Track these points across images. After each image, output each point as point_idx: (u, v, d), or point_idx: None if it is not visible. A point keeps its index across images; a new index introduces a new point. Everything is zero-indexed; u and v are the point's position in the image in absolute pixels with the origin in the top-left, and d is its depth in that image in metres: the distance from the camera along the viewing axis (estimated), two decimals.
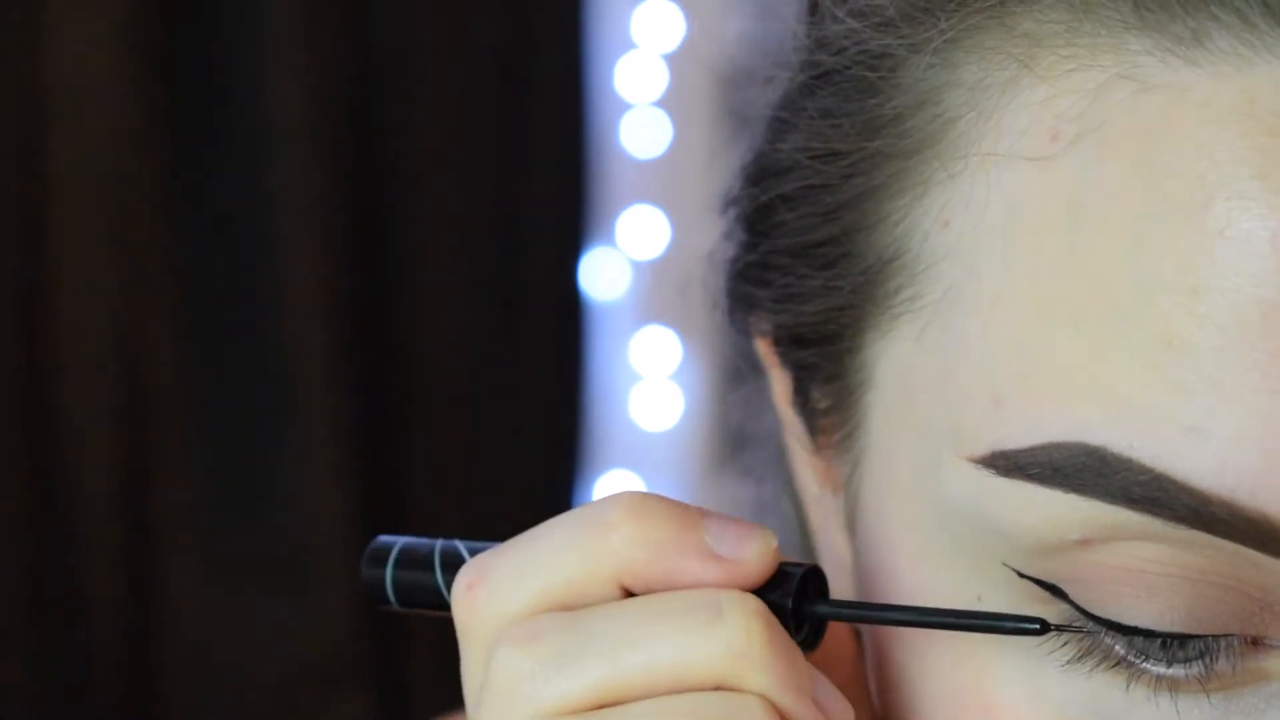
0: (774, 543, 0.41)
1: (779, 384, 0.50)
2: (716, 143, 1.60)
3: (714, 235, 0.51)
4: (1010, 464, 0.40)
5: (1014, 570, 0.41)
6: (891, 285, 0.43)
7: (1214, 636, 0.39)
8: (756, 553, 0.40)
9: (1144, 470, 0.38)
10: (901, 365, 0.44)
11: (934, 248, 0.42)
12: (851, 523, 0.47)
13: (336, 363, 1.55)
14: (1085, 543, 0.40)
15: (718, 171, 0.50)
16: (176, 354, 1.53)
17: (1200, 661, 0.40)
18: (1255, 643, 0.40)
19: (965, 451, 0.41)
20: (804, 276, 0.46)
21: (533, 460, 1.65)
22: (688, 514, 0.40)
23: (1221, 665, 0.40)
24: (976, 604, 0.42)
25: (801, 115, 0.46)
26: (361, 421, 1.57)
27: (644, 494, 0.41)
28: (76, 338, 1.50)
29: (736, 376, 0.53)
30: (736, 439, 1.72)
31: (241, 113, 1.53)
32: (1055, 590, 0.40)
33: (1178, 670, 0.40)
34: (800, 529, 0.54)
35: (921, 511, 0.43)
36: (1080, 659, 0.40)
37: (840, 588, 0.49)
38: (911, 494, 0.43)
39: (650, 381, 1.69)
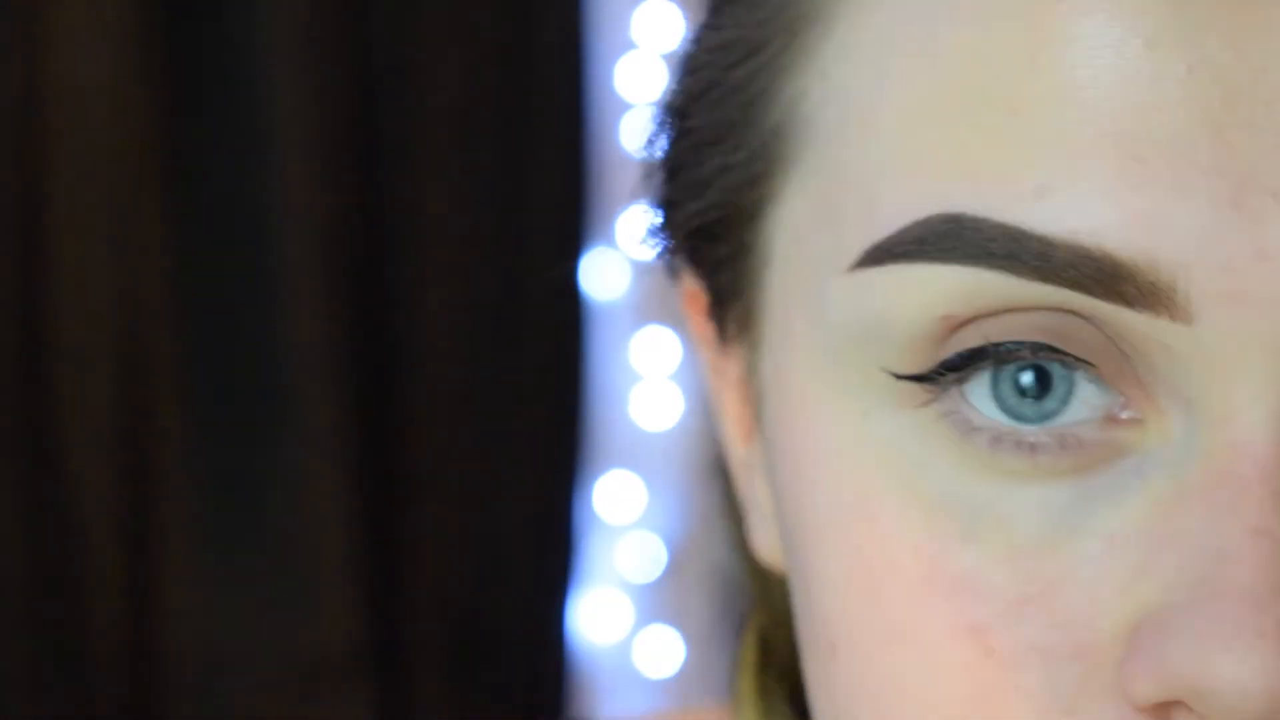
0: None
1: (698, 310, 0.53)
2: None
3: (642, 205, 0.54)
4: (882, 252, 0.43)
5: (893, 375, 0.43)
6: (783, 150, 0.46)
7: (1071, 367, 0.42)
8: None
9: (997, 226, 0.41)
10: (792, 221, 0.47)
11: (815, 101, 0.46)
12: (760, 407, 0.49)
13: (336, 362, 1.56)
14: (949, 319, 0.42)
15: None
16: (176, 354, 1.53)
17: (1059, 415, 0.42)
18: (1110, 418, 0.42)
19: (845, 264, 0.44)
20: (706, 159, 0.49)
21: (533, 460, 1.65)
22: None
23: (1077, 423, 0.42)
24: (864, 421, 0.44)
25: (706, 22, 0.50)
26: (361, 421, 1.57)
27: None
28: (76, 337, 1.50)
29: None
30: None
31: (242, 113, 1.53)
32: (931, 379, 0.43)
33: (1037, 427, 0.42)
34: (725, 501, 0.58)
35: (811, 350, 0.46)
36: (954, 440, 0.43)
37: (765, 538, 0.52)
38: (802, 340, 0.46)
39: (650, 381, 1.69)
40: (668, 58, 1.66)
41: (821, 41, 0.45)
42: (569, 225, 1.61)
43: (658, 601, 1.71)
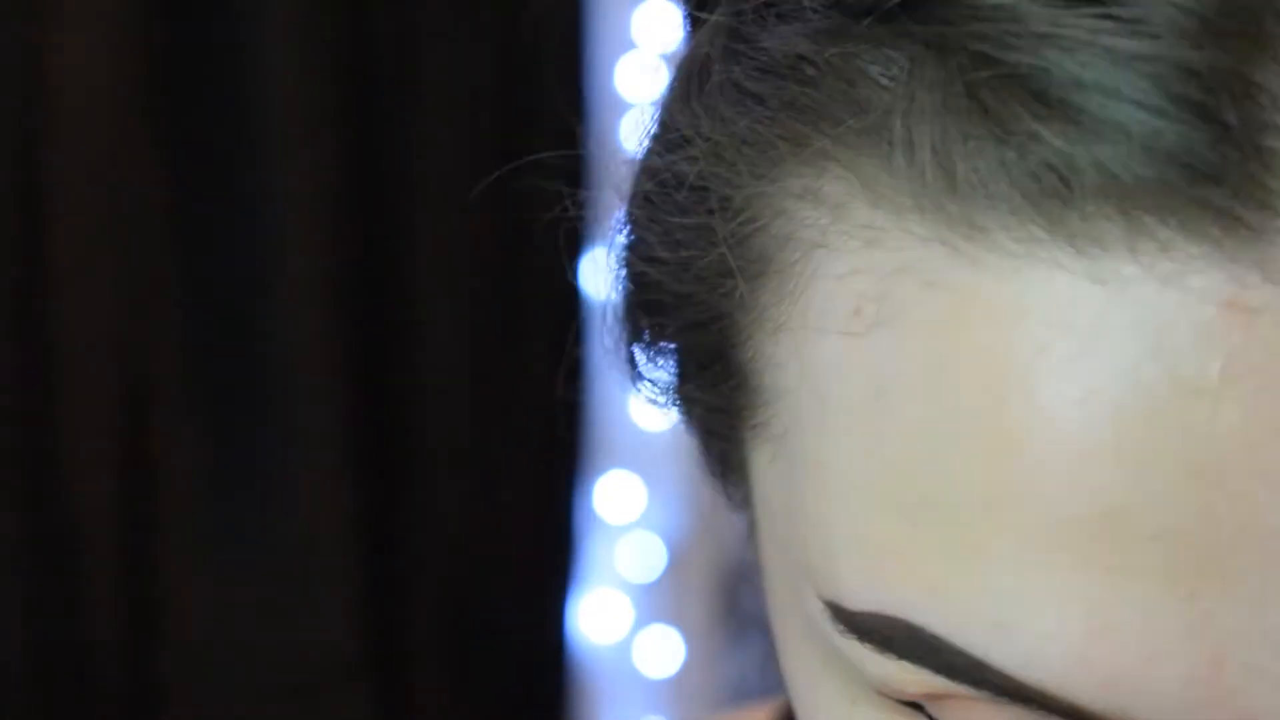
0: None
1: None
2: None
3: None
4: (848, 623, 0.41)
5: (876, 690, 0.42)
6: (749, 400, 0.44)
7: None
8: None
9: (962, 654, 0.39)
10: (762, 483, 0.45)
11: (773, 383, 0.43)
12: (759, 567, 0.49)
13: (336, 363, 1.56)
14: (929, 696, 0.41)
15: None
16: (176, 354, 1.53)
17: None
18: None
19: (815, 587, 0.42)
20: (684, 373, 0.48)
21: (533, 460, 1.65)
22: None
23: None
24: (852, 707, 0.43)
25: (641, 229, 0.47)
26: (361, 422, 1.57)
27: None
28: (76, 337, 1.50)
29: None
30: None
31: (242, 113, 1.53)
32: (917, 706, 0.42)
33: None
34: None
35: (795, 615, 0.45)
36: None
37: None
38: (786, 600, 0.45)
39: None
40: (668, 58, 1.66)
41: (777, 334, 0.43)
42: (569, 225, 1.61)
43: (658, 601, 1.71)
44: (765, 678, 1.75)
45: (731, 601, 1.74)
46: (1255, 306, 0.36)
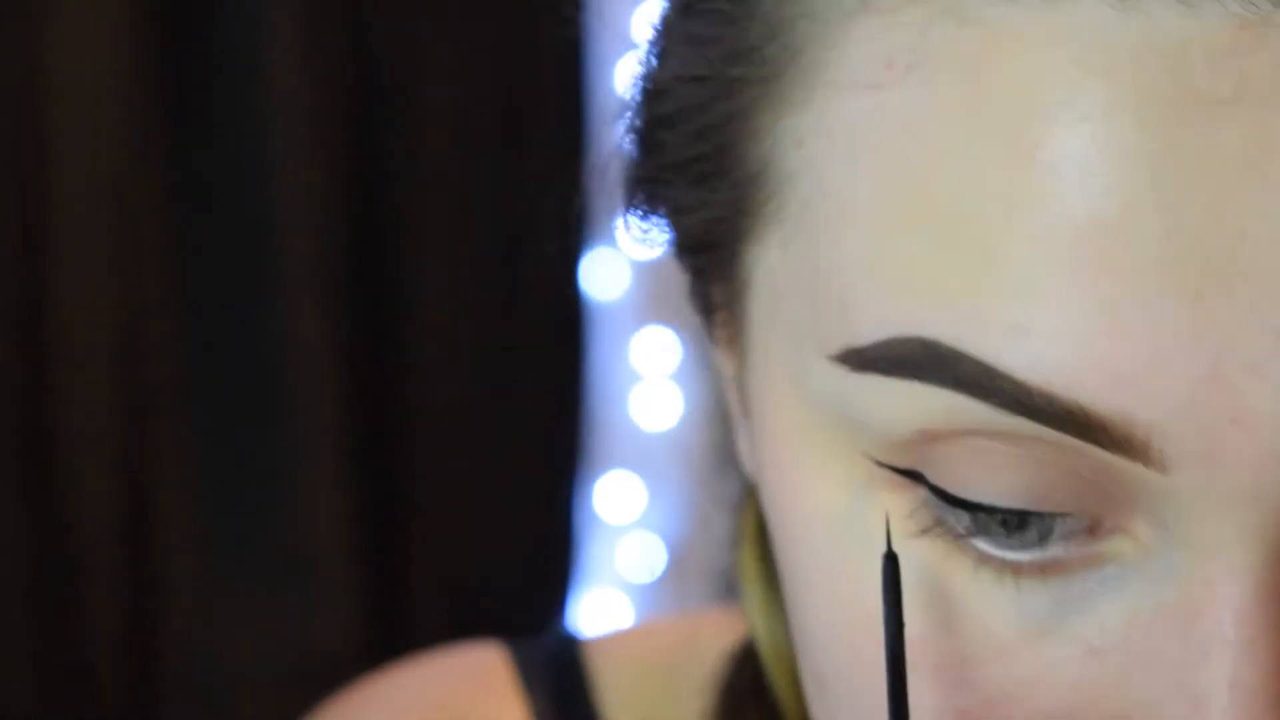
0: None
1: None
2: None
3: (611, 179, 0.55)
4: (860, 360, 0.43)
5: (874, 460, 0.44)
6: (759, 198, 0.47)
7: (1051, 515, 0.43)
8: None
9: (971, 361, 0.41)
10: (771, 272, 0.47)
11: (791, 165, 0.46)
12: (745, 409, 0.51)
13: (336, 362, 1.56)
14: (927, 433, 0.43)
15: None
16: (176, 354, 1.53)
17: (1038, 546, 0.43)
18: (1092, 531, 0.43)
19: (824, 350, 0.45)
20: (685, 191, 0.50)
21: (533, 460, 1.65)
22: None
23: (1057, 550, 0.43)
24: (846, 492, 0.45)
25: (674, 41, 0.50)
26: (361, 421, 1.57)
27: None
28: (76, 338, 1.50)
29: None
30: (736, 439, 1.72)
31: (242, 113, 1.53)
32: (912, 474, 0.44)
33: (1018, 554, 0.43)
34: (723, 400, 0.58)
35: (794, 407, 0.47)
36: (928, 531, 0.44)
37: (748, 455, 0.54)
38: (785, 390, 0.47)
39: (650, 381, 1.69)
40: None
41: (796, 108, 0.46)
42: (569, 225, 1.61)
43: (658, 601, 1.71)
44: None
45: (731, 601, 1.74)
46: (1266, 31, 0.39)
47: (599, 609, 1.70)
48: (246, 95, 1.53)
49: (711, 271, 0.51)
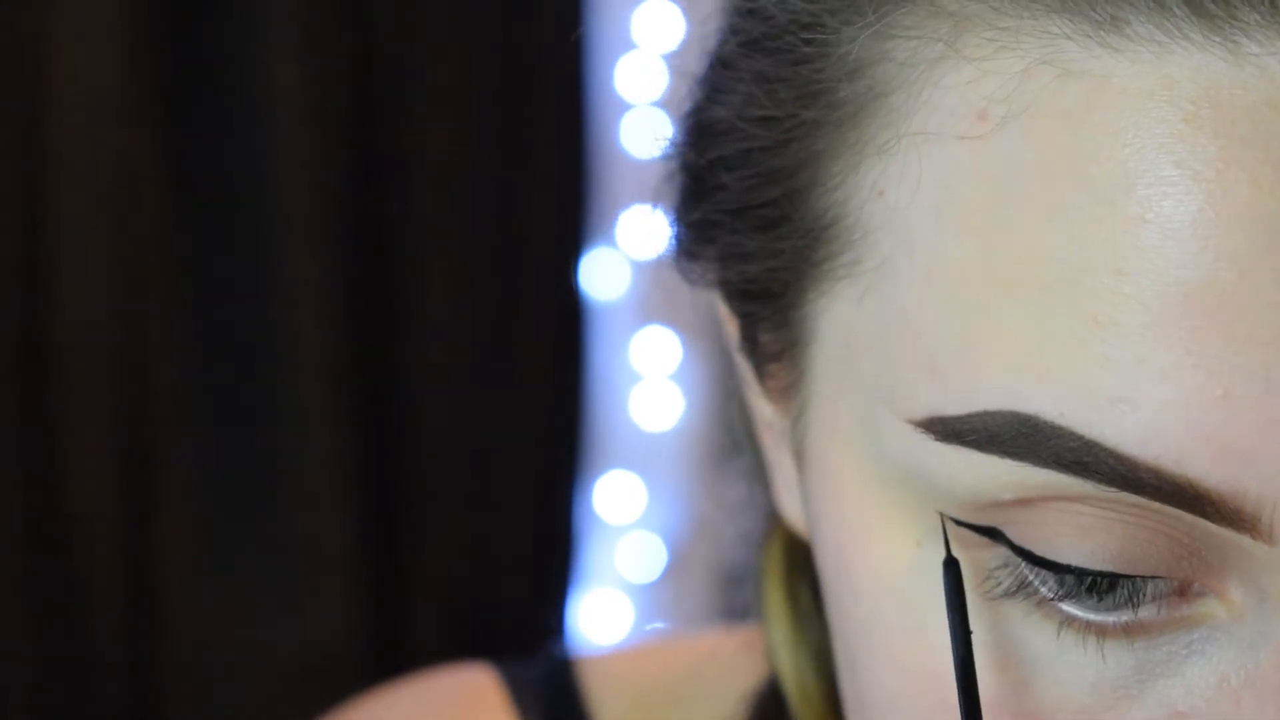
0: None
1: (729, 327, 0.52)
2: None
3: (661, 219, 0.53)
4: (948, 430, 0.41)
5: (952, 519, 0.42)
6: (831, 249, 0.45)
7: (1142, 578, 0.41)
8: None
9: (1074, 437, 0.39)
10: (843, 326, 0.45)
11: (870, 216, 0.44)
12: (800, 459, 0.49)
13: (336, 363, 1.55)
14: (1020, 501, 0.41)
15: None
16: (176, 354, 1.53)
17: (1128, 608, 0.41)
18: (1182, 593, 0.41)
19: (904, 414, 0.42)
20: (746, 237, 0.47)
21: (533, 460, 1.65)
22: None
23: (1147, 612, 0.41)
24: (916, 550, 0.43)
25: (738, 79, 0.47)
26: (361, 422, 1.57)
27: None
28: (76, 338, 1.50)
29: (737, 375, 0.54)
30: (736, 439, 1.72)
31: (242, 114, 1.53)
32: (992, 533, 0.42)
33: (1105, 616, 0.41)
34: (744, 423, 0.57)
35: (862, 463, 0.45)
36: (1011, 595, 0.42)
37: (792, 503, 0.52)
38: (852, 445, 0.45)
39: (650, 381, 1.69)
40: (668, 58, 1.66)
41: (877, 155, 0.43)
42: (569, 225, 1.61)
43: (658, 601, 1.71)
44: None
45: (731, 601, 1.74)
46: None
47: (599, 609, 1.70)
48: (246, 95, 1.52)
49: (766, 319, 0.48)
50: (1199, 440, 0.38)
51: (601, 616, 1.70)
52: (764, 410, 0.52)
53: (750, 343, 0.50)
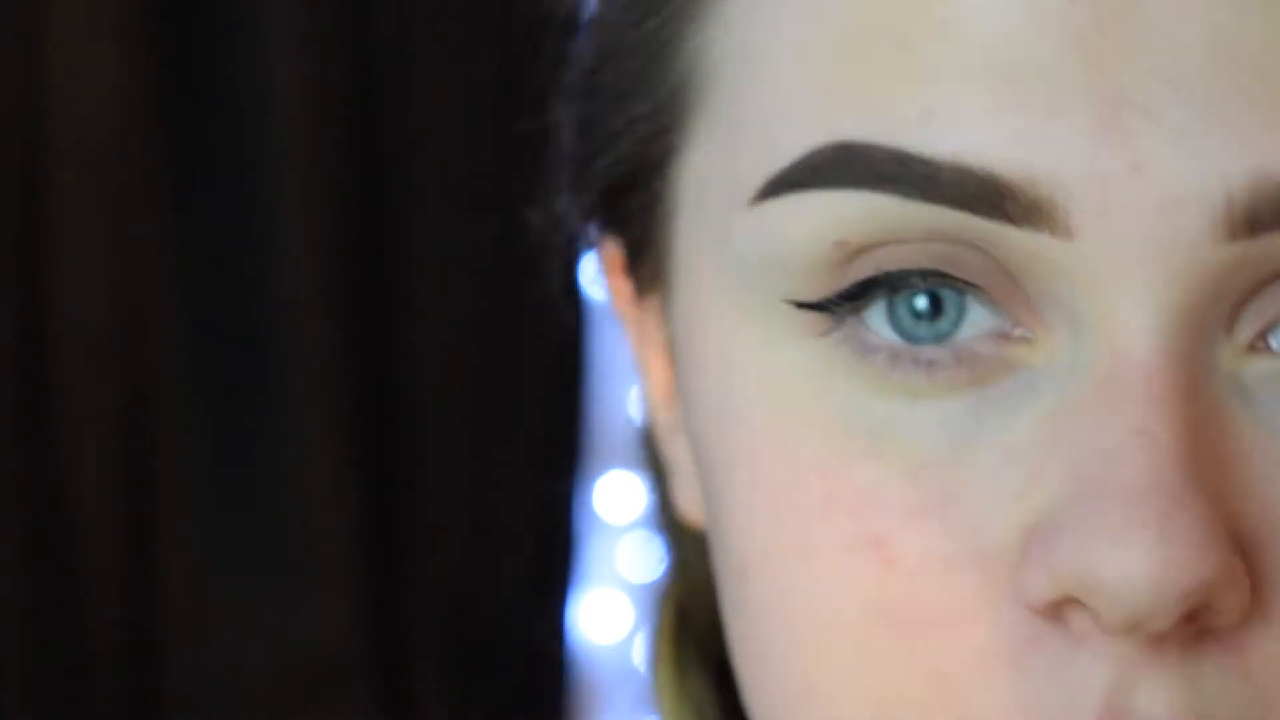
0: None
1: (615, 263, 0.56)
2: None
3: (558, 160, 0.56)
4: (778, 184, 0.44)
5: (794, 304, 0.45)
6: (689, 101, 0.48)
7: (963, 291, 0.43)
8: None
9: (884, 150, 0.42)
10: (697, 168, 0.48)
11: (718, 52, 0.47)
12: (673, 352, 0.51)
13: (335, 362, 1.55)
14: (843, 245, 0.43)
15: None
16: (176, 355, 1.53)
17: (954, 332, 0.44)
18: (1005, 336, 0.44)
19: (744, 199, 0.45)
20: (615, 113, 0.50)
21: (533, 460, 1.65)
22: None
23: (969, 341, 0.44)
24: (767, 350, 0.45)
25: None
26: (361, 422, 1.57)
27: None
28: (76, 337, 1.50)
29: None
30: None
31: (242, 114, 1.53)
32: (827, 306, 0.45)
33: (935, 349, 0.44)
34: (652, 471, 0.58)
35: (716, 288, 0.47)
36: (851, 370, 0.45)
37: (690, 495, 0.54)
38: (708, 280, 0.47)
39: None
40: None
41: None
42: (570, 225, 1.61)
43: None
44: None
45: None
46: None
47: (599, 609, 1.70)
48: (247, 97, 1.52)
49: (635, 210, 0.51)
50: (992, 129, 0.41)
51: (601, 616, 1.70)
52: (660, 413, 0.55)
53: (630, 254, 0.53)
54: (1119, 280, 0.41)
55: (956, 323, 0.44)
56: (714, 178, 0.47)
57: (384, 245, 1.58)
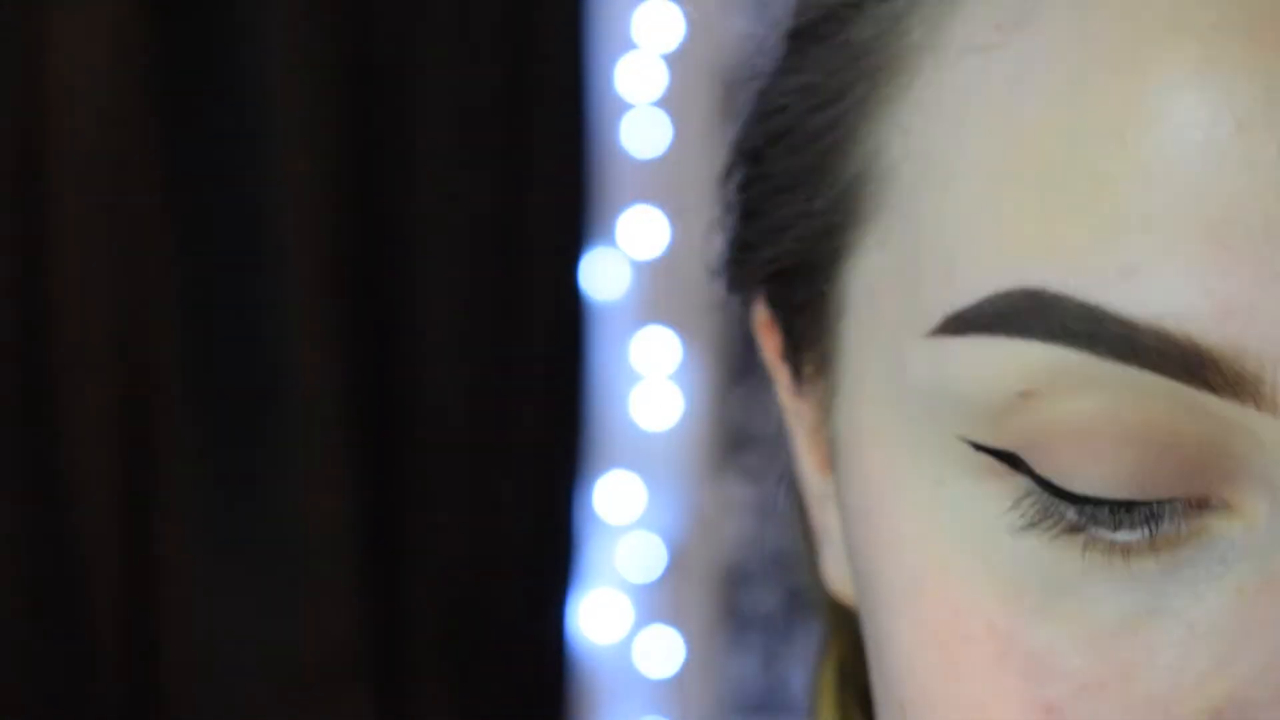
0: None
1: (768, 340, 0.52)
2: (716, 143, 1.61)
3: (715, 236, 0.53)
4: (961, 323, 0.42)
5: (971, 444, 0.42)
6: (862, 202, 0.45)
7: (1159, 501, 0.41)
8: None
9: (1078, 305, 0.40)
10: (869, 275, 0.45)
11: (895, 155, 0.44)
12: (833, 452, 0.48)
13: (336, 363, 1.56)
14: (1029, 396, 0.41)
15: (718, 171, 0.52)
16: (176, 356, 1.53)
17: (1146, 526, 0.41)
18: (1199, 505, 0.41)
19: (923, 329, 0.43)
20: (783, 205, 0.48)
21: (533, 460, 1.65)
22: None
23: (1166, 527, 0.41)
24: (938, 488, 0.43)
25: (782, 68, 0.48)
26: (361, 423, 1.57)
27: None
28: (76, 337, 1.50)
29: (736, 375, 0.55)
30: (736, 439, 1.72)
31: (242, 114, 1.53)
32: (1012, 460, 0.42)
33: (1126, 535, 0.41)
34: (800, 529, 0.55)
35: (887, 409, 0.45)
36: (1034, 525, 0.42)
37: (838, 566, 0.51)
38: (879, 396, 0.45)
39: (650, 381, 1.69)
40: (668, 58, 1.66)
41: (902, 94, 0.44)
42: (569, 225, 1.61)
43: (658, 601, 1.71)
44: (765, 678, 1.75)
45: (731, 601, 1.74)
46: None
47: (599, 609, 1.70)
48: (247, 98, 1.53)
49: (804, 307, 0.48)
50: (1199, 294, 0.39)
51: (601, 616, 1.70)
52: (811, 476, 0.52)
53: (791, 342, 0.50)
54: None
55: (1151, 522, 0.41)
56: (888, 293, 0.45)
57: (384, 246, 1.58)
